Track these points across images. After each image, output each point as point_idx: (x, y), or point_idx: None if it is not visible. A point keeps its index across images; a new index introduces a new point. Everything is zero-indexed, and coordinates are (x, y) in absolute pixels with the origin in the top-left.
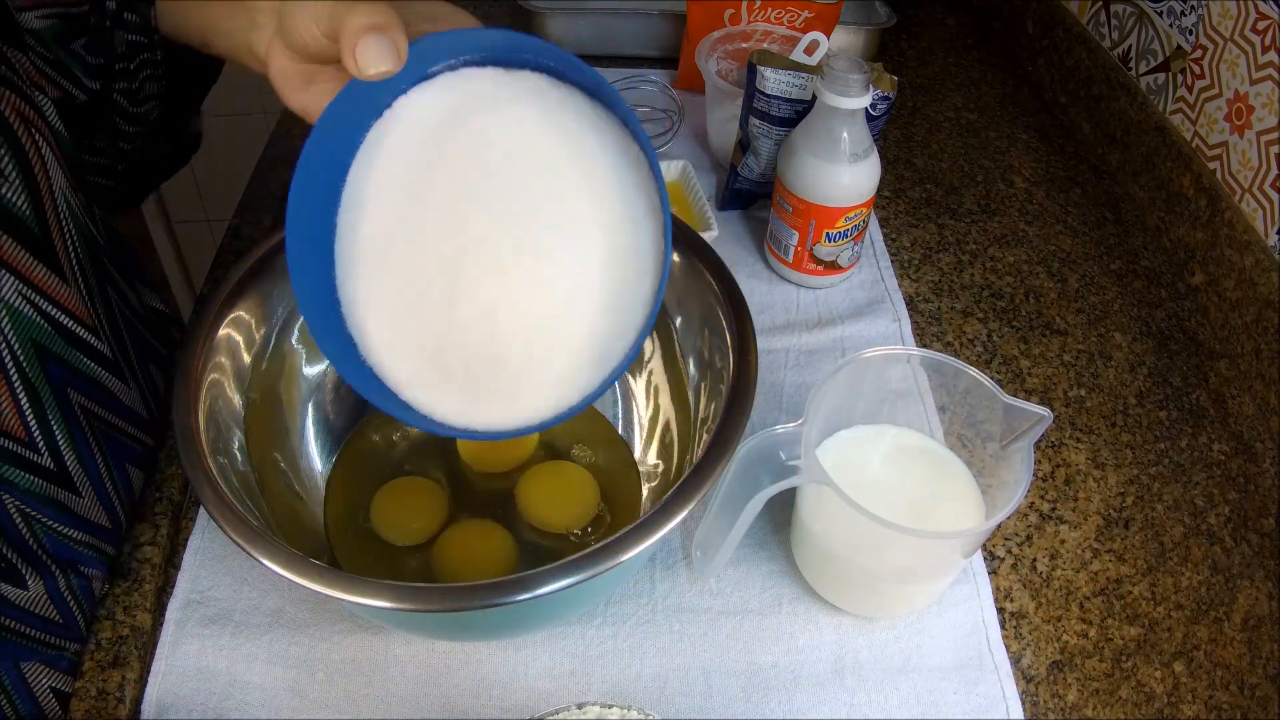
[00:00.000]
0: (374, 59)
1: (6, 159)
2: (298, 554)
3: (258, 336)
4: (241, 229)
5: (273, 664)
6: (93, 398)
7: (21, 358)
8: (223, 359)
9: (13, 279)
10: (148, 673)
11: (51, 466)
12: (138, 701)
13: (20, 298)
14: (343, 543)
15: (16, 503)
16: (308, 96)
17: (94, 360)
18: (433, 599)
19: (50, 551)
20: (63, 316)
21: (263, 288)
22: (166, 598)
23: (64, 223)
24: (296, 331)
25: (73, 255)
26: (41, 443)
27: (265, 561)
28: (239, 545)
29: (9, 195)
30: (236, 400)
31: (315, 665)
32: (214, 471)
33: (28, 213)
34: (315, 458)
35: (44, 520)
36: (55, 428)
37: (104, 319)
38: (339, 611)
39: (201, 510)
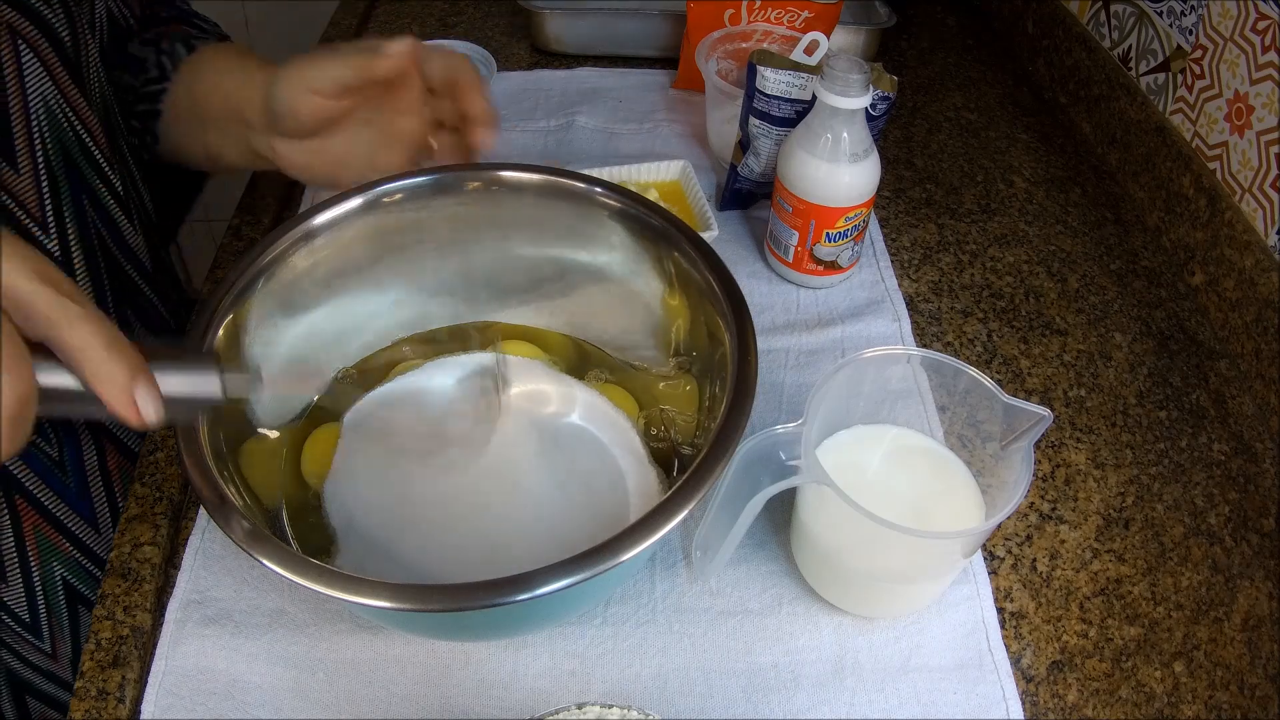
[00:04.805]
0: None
1: None
2: (298, 554)
3: (257, 336)
4: (241, 229)
5: (273, 664)
6: None
7: None
8: (222, 359)
9: None
10: (148, 673)
11: None
12: (138, 701)
13: None
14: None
15: None
16: (323, 156)
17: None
18: (432, 599)
19: None
20: (7, 199)
21: (263, 286)
22: (166, 598)
23: (34, 122)
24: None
25: (37, 152)
26: None
27: (265, 561)
28: (239, 545)
29: None
30: None
31: (315, 665)
32: (214, 471)
33: None
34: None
35: None
36: None
37: (56, 218)
38: (339, 611)
39: (201, 510)
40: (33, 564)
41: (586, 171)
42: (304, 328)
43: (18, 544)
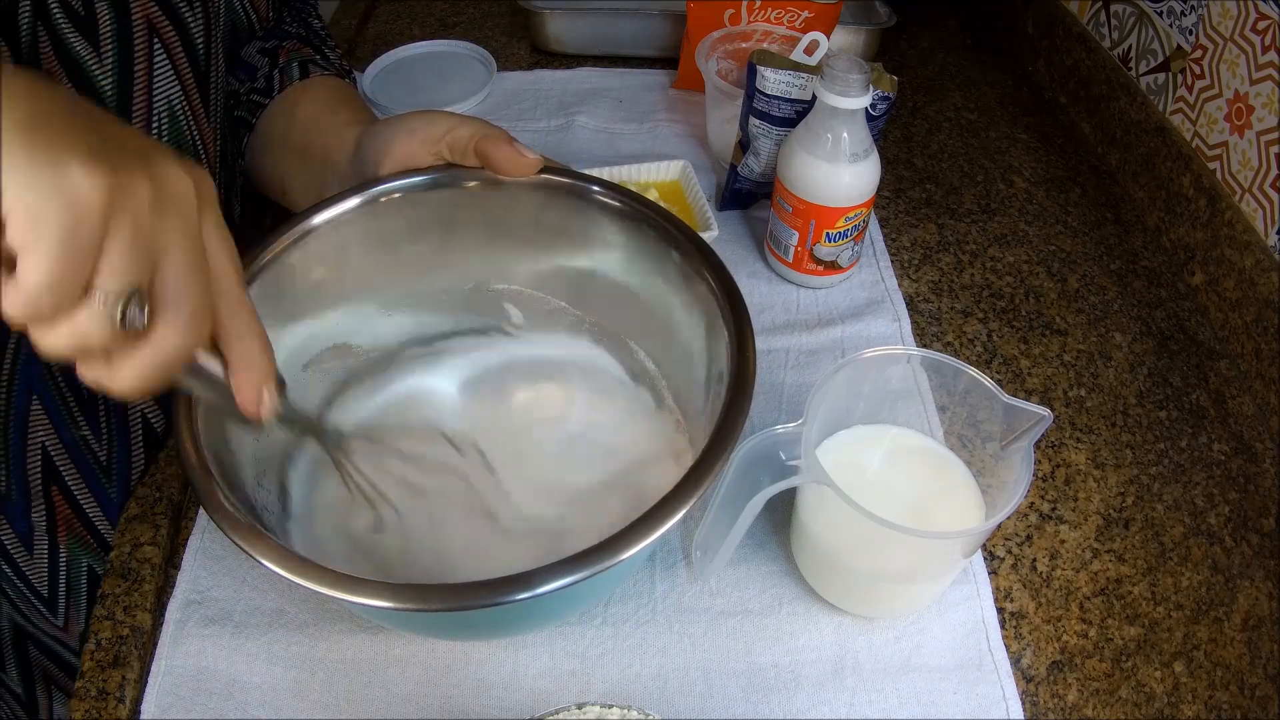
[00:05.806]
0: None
1: (110, 46)
2: (298, 554)
3: None
4: (242, 229)
5: (273, 664)
6: None
7: None
8: None
9: None
10: (148, 673)
11: None
12: (138, 701)
13: None
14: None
15: None
16: None
17: None
18: (433, 598)
19: None
20: None
21: (262, 289)
22: (166, 598)
23: (155, 124)
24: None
25: None
26: None
27: (265, 562)
28: (239, 545)
29: (98, 74)
30: None
31: (315, 665)
32: (214, 472)
33: (111, 93)
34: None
35: None
36: None
37: None
38: (339, 611)
39: (201, 510)
40: (61, 549)
41: (586, 171)
42: (303, 328)
43: (49, 528)
